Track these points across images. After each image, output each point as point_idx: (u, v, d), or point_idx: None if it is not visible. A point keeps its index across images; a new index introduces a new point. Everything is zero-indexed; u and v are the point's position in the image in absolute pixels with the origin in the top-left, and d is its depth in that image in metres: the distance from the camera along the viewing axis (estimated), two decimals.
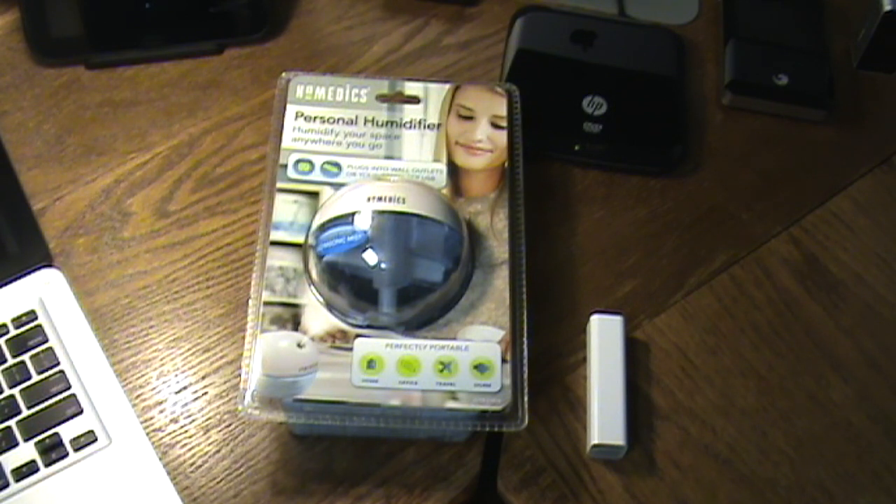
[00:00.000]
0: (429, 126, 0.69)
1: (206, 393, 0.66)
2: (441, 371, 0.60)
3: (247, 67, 0.80)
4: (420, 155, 0.68)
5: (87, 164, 0.75)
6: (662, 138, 0.77)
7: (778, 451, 0.65)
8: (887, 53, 0.80)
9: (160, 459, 0.64)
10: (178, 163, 0.75)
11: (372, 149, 0.68)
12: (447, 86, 0.71)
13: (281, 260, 0.63)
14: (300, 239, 0.64)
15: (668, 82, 0.79)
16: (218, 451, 0.64)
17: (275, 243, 0.64)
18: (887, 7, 0.77)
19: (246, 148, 0.76)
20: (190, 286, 0.70)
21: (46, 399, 0.64)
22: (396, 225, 0.62)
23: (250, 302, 0.62)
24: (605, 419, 0.64)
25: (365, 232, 0.62)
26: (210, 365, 0.67)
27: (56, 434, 0.63)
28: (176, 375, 0.67)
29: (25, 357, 0.66)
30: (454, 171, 0.67)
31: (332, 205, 0.64)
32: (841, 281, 0.72)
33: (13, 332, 0.67)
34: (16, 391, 0.64)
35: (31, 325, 0.67)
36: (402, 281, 0.61)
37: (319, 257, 0.62)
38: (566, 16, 0.82)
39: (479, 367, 0.60)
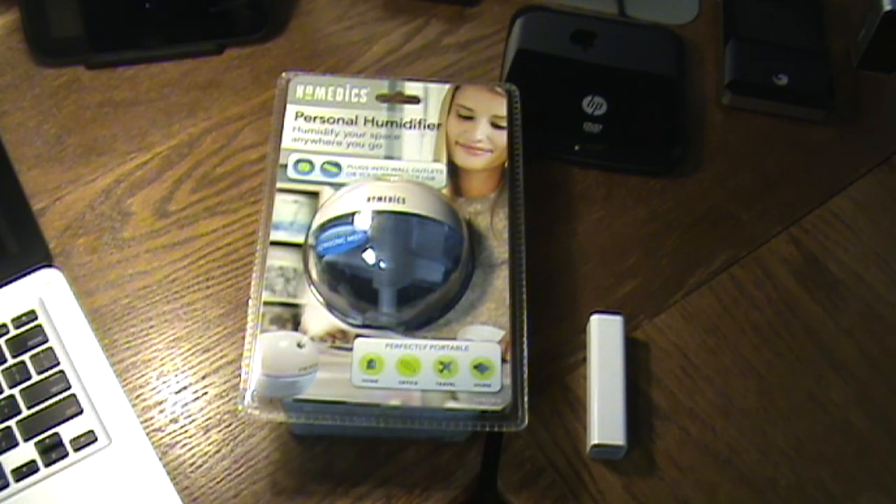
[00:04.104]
0: (429, 126, 0.69)
1: (206, 393, 0.66)
2: (441, 371, 0.60)
3: (247, 67, 0.80)
4: (420, 155, 0.68)
5: (87, 164, 0.75)
6: (662, 138, 0.77)
7: (778, 451, 0.65)
8: (887, 53, 0.80)
9: (160, 459, 0.64)
10: (178, 163, 0.75)
11: (372, 149, 0.68)
12: (447, 86, 0.71)
13: (281, 260, 0.63)
14: (300, 239, 0.64)
15: (668, 82, 0.79)
16: (218, 451, 0.64)
17: (275, 243, 0.64)
18: (887, 7, 0.77)
19: (246, 148, 0.76)
20: (190, 286, 0.70)
21: (46, 399, 0.64)
22: (396, 225, 0.62)
23: (250, 302, 0.62)
24: (605, 419, 0.64)
25: (365, 232, 0.62)
26: (210, 365, 0.67)
27: (56, 434, 0.63)
28: (176, 375, 0.67)
29: (25, 357, 0.66)
30: (454, 171, 0.67)
31: (332, 205, 0.64)
32: (841, 281, 0.72)
33: (13, 332, 0.67)
34: (16, 391, 0.64)
35: (31, 325, 0.67)
36: (401, 281, 0.61)
37: (319, 257, 0.62)
38: (566, 16, 0.82)
39: (479, 367, 0.60)
